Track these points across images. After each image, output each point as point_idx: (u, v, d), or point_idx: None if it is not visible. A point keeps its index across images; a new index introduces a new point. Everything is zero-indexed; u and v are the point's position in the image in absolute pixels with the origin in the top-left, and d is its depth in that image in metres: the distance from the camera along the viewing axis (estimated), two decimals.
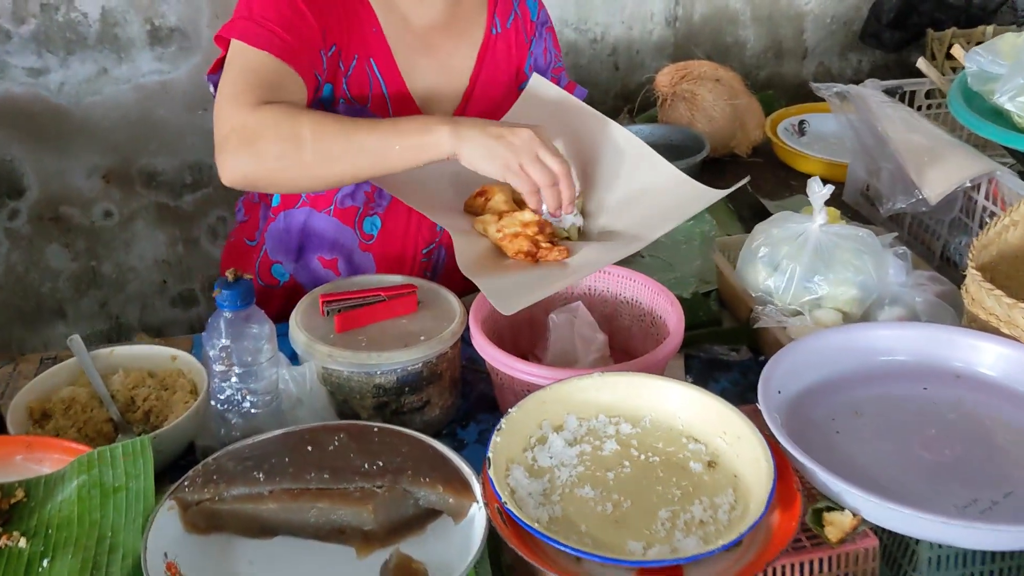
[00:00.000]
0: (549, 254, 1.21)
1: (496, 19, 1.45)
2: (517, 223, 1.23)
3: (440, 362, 1.14)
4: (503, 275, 1.18)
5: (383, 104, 1.36)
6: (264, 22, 1.23)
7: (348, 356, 1.10)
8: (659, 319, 1.23)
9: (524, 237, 1.22)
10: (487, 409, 1.23)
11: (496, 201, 1.29)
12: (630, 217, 1.28)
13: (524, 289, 1.13)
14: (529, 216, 1.23)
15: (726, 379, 1.28)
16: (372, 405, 1.13)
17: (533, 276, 1.18)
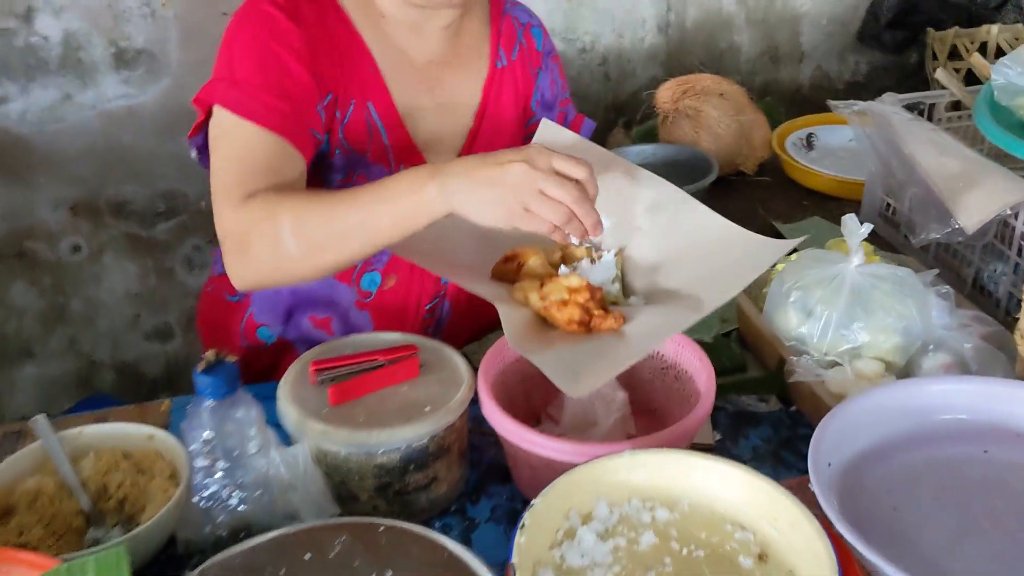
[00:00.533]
0: (604, 322, 1.07)
1: (501, 51, 1.34)
2: (564, 289, 1.08)
3: (448, 435, 1.03)
4: (556, 349, 1.04)
5: (383, 151, 1.24)
6: (249, 88, 1.11)
7: (345, 435, 0.98)
8: (684, 373, 1.12)
9: (574, 305, 1.07)
10: (499, 479, 1.11)
11: (532, 265, 1.16)
12: (682, 275, 1.14)
13: (590, 365, 1.00)
14: (577, 281, 1.09)
15: (757, 435, 1.17)
16: (373, 487, 1.01)
17: (591, 349, 1.04)
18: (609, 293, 1.15)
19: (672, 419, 1.14)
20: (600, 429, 1.10)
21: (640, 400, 1.18)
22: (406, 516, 1.02)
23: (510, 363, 1.13)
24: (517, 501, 1.08)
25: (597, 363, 1.00)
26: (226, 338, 1.39)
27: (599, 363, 1.00)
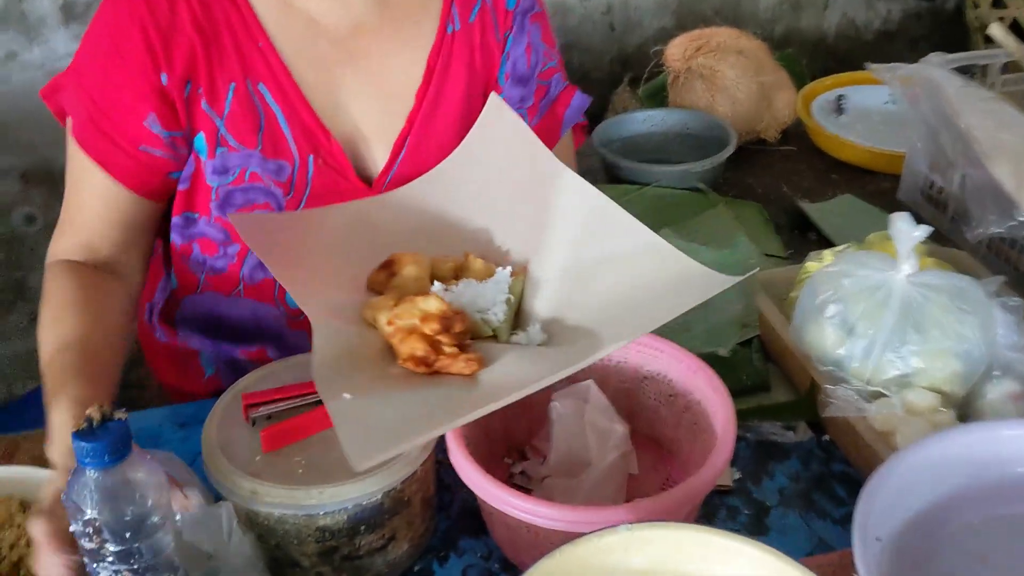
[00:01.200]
0: (452, 364, 0.84)
1: (454, 11, 1.08)
2: (416, 313, 0.87)
3: (408, 487, 0.84)
4: (370, 395, 0.81)
5: (281, 142, 1.02)
6: (86, 102, 0.99)
7: (279, 494, 0.80)
8: (695, 404, 0.93)
9: (418, 336, 0.85)
10: (473, 529, 0.93)
11: (404, 276, 0.94)
12: (591, 303, 0.92)
13: (390, 425, 0.77)
14: (435, 305, 0.87)
15: (783, 472, 0.98)
16: (316, 552, 0.83)
17: (416, 399, 0.82)
18: (487, 321, 0.92)
19: (683, 455, 0.96)
20: (595, 470, 0.91)
21: (644, 430, 1.00)
22: None
23: None
24: (495, 560, 0.90)
25: (402, 423, 0.77)
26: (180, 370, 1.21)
27: (404, 424, 0.77)
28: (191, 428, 1.06)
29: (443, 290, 0.93)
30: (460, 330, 0.87)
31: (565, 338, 0.90)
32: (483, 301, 0.93)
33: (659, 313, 0.84)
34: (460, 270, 0.99)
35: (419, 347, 0.85)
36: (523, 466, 0.98)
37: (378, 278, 0.96)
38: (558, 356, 0.86)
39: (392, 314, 0.88)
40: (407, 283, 0.94)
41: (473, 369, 0.85)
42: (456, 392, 0.83)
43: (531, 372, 0.83)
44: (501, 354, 0.88)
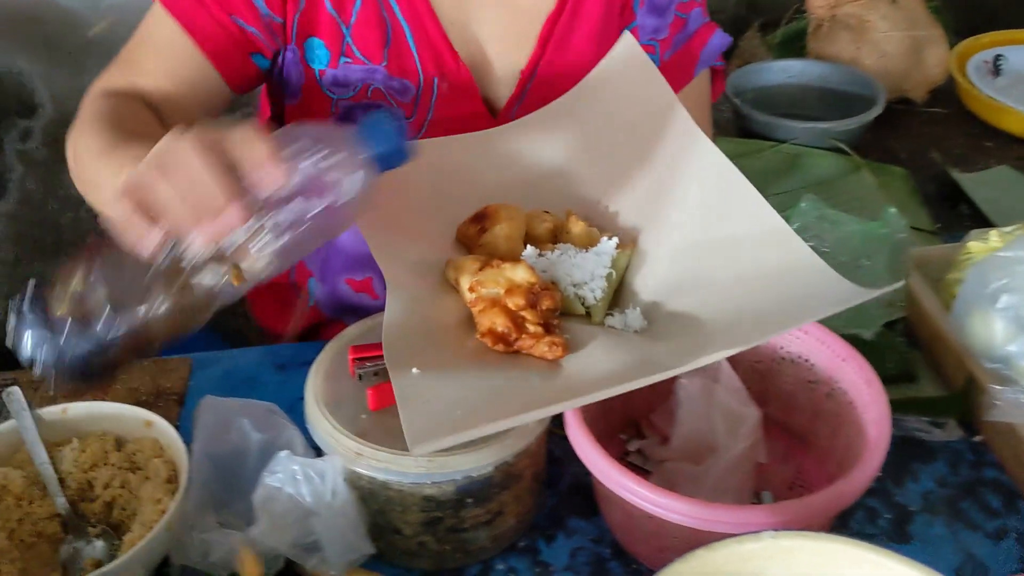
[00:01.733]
0: (535, 346, 0.75)
1: None
2: (502, 282, 0.77)
3: (520, 460, 0.78)
4: (446, 372, 0.73)
5: (408, 61, 0.95)
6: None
7: (386, 459, 0.74)
8: (840, 393, 0.84)
9: (500, 310, 0.76)
10: (583, 510, 0.86)
11: (495, 233, 0.84)
12: (704, 296, 0.80)
13: (457, 412, 0.69)
14: (522, 276, 0.77)
15: (928, 475, 0.89)
16: (419, 521, 0.78)
17: (490, 385, 0.73)
18: (582, 298, 0.82)
19: (819, 448, 0.87)
20: (722, 459, 0.83)
21: (776, 415, 0.91)
22: (460, 555, 0.80)
23: None
24: (605, 544, 0.83)
25: (467, 410, 0.69)
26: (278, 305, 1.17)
27: (470, 411, 0.68)
28: (290, 371, 1.02)
29: (536, 256, 0.83)
30: (548, 307, 0.77)
31: (666, 330, 0.80)
32: (580, 273, 0.83)
33: (777, 322, 0.73)
34: (558, 232, 0.88)
35: (500, 322, 0.76)
36: (640, 444, 0.90)
37: (468, 231, 0.86)
38: (653, 355, 0.75)
39: (476, 279, 0.78)
40: (497, 242, 0.84)
41: (557, 355, 0.75)
42: (534, 380, 0.74)
43: (619, 369, 0.74)
44: (590, 339, 0.78)
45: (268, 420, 0.83)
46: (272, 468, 0.77)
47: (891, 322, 1.03)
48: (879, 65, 1.44)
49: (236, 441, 0.81)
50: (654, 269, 0.84)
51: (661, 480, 0.85)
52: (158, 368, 1.03)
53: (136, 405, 0.86)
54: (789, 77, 1.47)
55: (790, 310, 0.74)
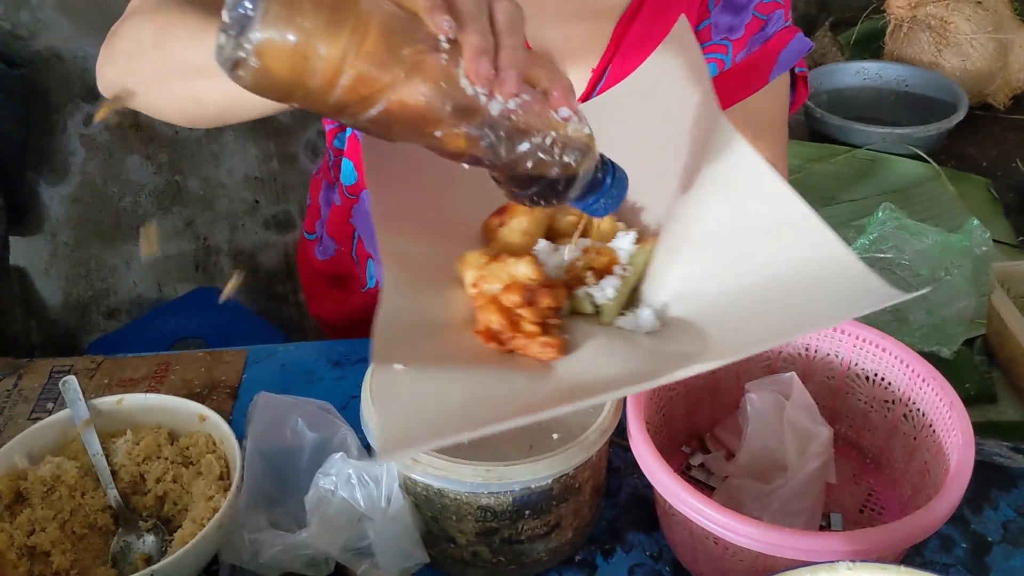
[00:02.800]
0: (528, 345, 0.69)
1: None
2: (504, 277, 0.72)
3: (580, 473, 0.75)
4: (432, 371, 0.66)
5: None
6: None
7: (443, 466, 0.72)
8: (917, 415, 0.80)
9: (497, 307, 0.71)
10: (643, 523, 0.83)
11: (511, 228, 0.79)
12: (711, 299, 0.72)
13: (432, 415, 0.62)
14: (523, 271, 0.72)
15: (1009, 503, 0.85)
16: (475, 531, 0.75)
17: (475, 386, 0.66)
18: (590, 295, 0.75)
19: (893, 470, 0.84)
20: (792, 479, 0.80)
21: (847, 434, 0.88)
22: (515, 568, 0.78)
23: None
24: (665, 562, 0.80)
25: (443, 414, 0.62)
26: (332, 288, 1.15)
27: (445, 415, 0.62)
28: (346, 367, 1.00)
29: (551, 250, 0.78)
30: (547, 305, 0.71)
31: (677, 333, 0.72)
32: (598, 268, 0.77)
33: (794, 327, 0.65)
34: (584, 226, 0.82)
35: (494, 319, 0.70)
36: (704, 459, 0.87)
37: (490, 224, 0.81)
38: (651, 358, 0.68)
39: (479, 274, 0.73)
40: (512, 236, 0.79)
41: (549, 357, 0.69)
42: (519, 383, 0.68)
43: (612, 373, 0.67)
44: (589, 339, 0.72)
45: (322, 419, 0.82)
46: (326, 470, 0.75)
47: (968, 340, 0.98)
48: (961, 68, 1.38)
49: (289, 439, 0.80)
50: (672, 268, 0.77)
51: (725, 498, 0.82)
52: (213, 360, 1.02)
53: (189, 397, 0.85)
54: (865, 79, 1.41)
55: (809, 312, 0.64)
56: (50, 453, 0.82)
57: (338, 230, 1.12)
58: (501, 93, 0.58)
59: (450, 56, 0.57)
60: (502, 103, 0.59)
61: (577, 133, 0.62)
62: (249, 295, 2.27)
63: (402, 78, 0.55)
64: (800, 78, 1.04)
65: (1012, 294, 0.96)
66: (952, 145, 1.35)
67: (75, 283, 2.18)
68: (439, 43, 0.57)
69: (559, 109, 0.62)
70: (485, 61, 0.57)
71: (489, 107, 0.58)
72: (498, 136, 0.60)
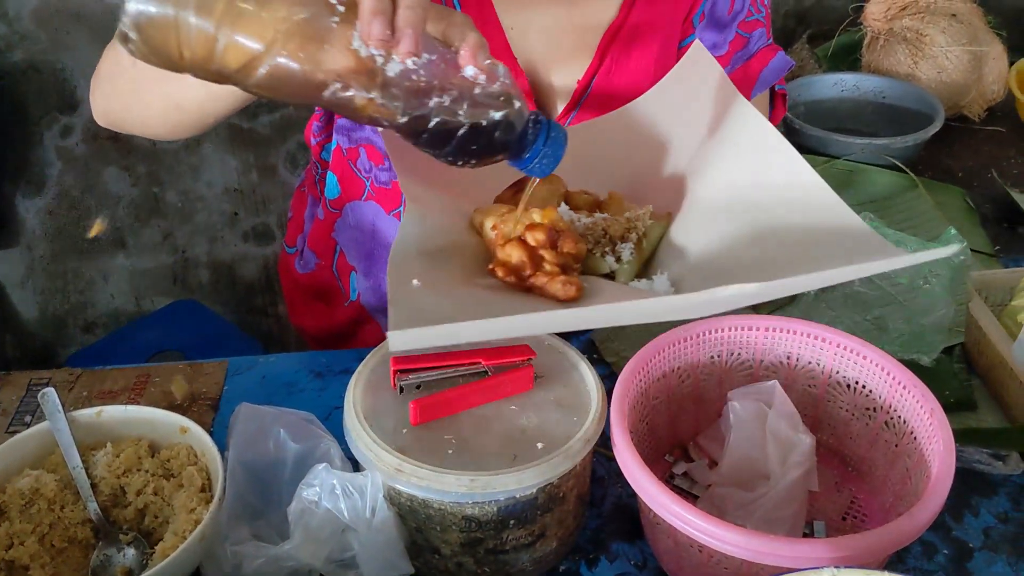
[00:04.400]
0: (549, 283, 0.69)
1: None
2: (524, 220, 0.73)
3: (565, 482, 0.75)
4: (450, 289, 0.68)
5: None
6: None
7: (427, 476, 0.71)
8: (898, 422, 0.80)
9: (518, 244, 0.71)
10: (627, 532, 0.84)
11: (533, 194, 0.78)
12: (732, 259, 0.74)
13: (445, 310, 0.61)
14: (551, 215, 0.73)
15: (989, 509, 0.85)
16: (459, 541, 0.75)
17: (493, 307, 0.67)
18: (606, 257, 0.76)
19: (875, 478, 0.84)
20: (775, 487, 0.80)
21: (828, 442, 0.88)
22: None
23: (656, 379, 0.84)
24: (649, 570, 0.80)
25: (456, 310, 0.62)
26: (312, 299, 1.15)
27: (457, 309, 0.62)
28: (328, 378, 1.00)
29: (569, 213, 0.79)
30: (569, 251, 0.71)
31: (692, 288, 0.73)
32: (613, 234, 0.78)
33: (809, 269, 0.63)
34: (599, 206, 0.83)
35: (515, 254, 0.70)
36: (687, 467, 0.87)
37: (505, 195, 0.81)
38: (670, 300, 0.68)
39: (500, 218, 0.73)
40: (532, 199, 0.78)
41: (570, 295, 0.69)
42: (536, 309, 0.67)
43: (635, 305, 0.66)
44: (607, 289, 0.72)
45: (305, 430, 0.81)
46: (309, 481, 0.75)
47: (948, 348, 0.99)
48: (936, 80, 1.40)
49: (272, 451, 0.79)
50: (688, 240, 0.79)
51: (709, 506, 0.82)
52: (193, 371, 1.01)
53: (170, 408, 0.85)
54: (843, 91, 1.43)
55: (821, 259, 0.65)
56: (29, 466, 0.81)
57: (320, 244, 1.12)
58: (397, 54, 0.58)
59: (344, 18, 0.57)
60: (401, 64, 0.59)
61: (488, 92, 0.62)
62: (228, 307, 2.26)
63: (278, 44, 0.56)
64: (779, 95, 1.06)
65: (990, 303, 0.97)
66: (929, 156, 1.37)
67: (52, 296, 2.16)
68: (333, 6, 0.57)
69: (465, 68, 0.61)
70: (378, 23, 0.57)
71: (386, 69, 0.59)
72: (393, 96, 0.59)
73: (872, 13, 1.45)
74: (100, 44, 1.85)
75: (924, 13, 1.40)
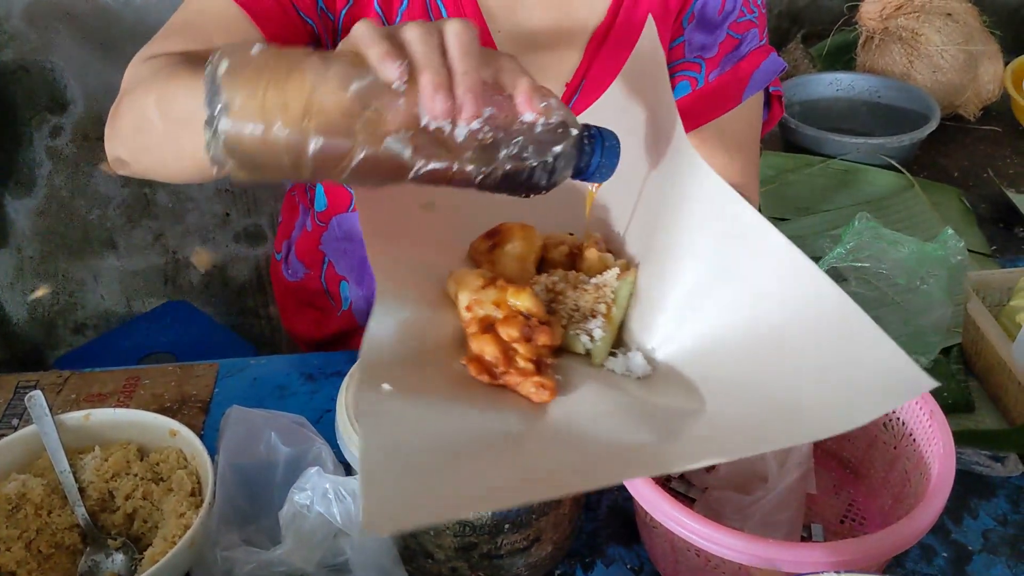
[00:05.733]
0: (521, 384, 0.66)
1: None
2: (501, 302, 0.69)
3: None
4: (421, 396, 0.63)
5: None
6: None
7: None
8: (897, 424, 0.80)
9: (492, 337, 0.67)
10: (623, 536, 0.83)
11: (506, 253, 0.76)
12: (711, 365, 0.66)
13: (422, 482, 0.55)
14: (526, 303, 0.68)
15: (988, 512, 0.84)
16: (453, 546, 0.74)
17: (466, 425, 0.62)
18: (578, 335, 0.72)
19: (873, 480, 0.83)
20: (772, 490, 0.79)
21: (826, 444, 0.87)
22: None
23: None
24: (646, 574, 0.79)
25: (434, 486, 0.55)
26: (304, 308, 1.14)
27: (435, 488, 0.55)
28: (319, 381, 0.98)
29: (544, 290, 0.74)
30: (544, 343, 0.68)
31: (668, 386, 0.68)
32: (584, 307, 0.73)
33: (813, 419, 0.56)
34: (575, 258, 0.79)
35: (488, 351, 0.67)
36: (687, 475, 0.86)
37: (480, 247, 0.78)
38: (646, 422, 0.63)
39: (475, 298, 0.70)
40: (507, 262, 0.76)
41: (543, 399, 0.65)
42: (512, 422, 0.64)
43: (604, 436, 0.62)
44: (583, 383, 0.68)
45: (296, 433, 0.80)
46: (301, 485, 0.74)
47: (945, 349, 0.98)
48: (932, 80, 1.39)
49: (263, 454, 0.78)
50: (655, 308, 0.73)
51: (706, 509, 0.81)
52: (184, 373, 1.00)
53: (159, 411, 0.84)
54: (838, 90, 1.42)
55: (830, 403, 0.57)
56: (15, 470, 0.80)
57: (308, 256, 1.11)
58: (463, 120, 0.59)
59: (407, 97, 0.59)
60: (466, 127, 0.60)
61: (547, 127, 0.63)
62: (219, 309, 2.25)
63: (363, 139, 0.58)
64: (775, 97, 1.04)
65: (987, 303, 0.96)
66: (924, 155, 1.36)
67: (41, 298, 2.14)
68: (396, 89, 0.59)
69: (524, 114, 0.62)
70: (440, 98, 0.58)
71: (455, 135, 0.60)
72: (466, 160, 0.61)
73: (867, 12, 1.44)
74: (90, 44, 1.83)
75: (919, 12, 1.39)
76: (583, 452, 0.61)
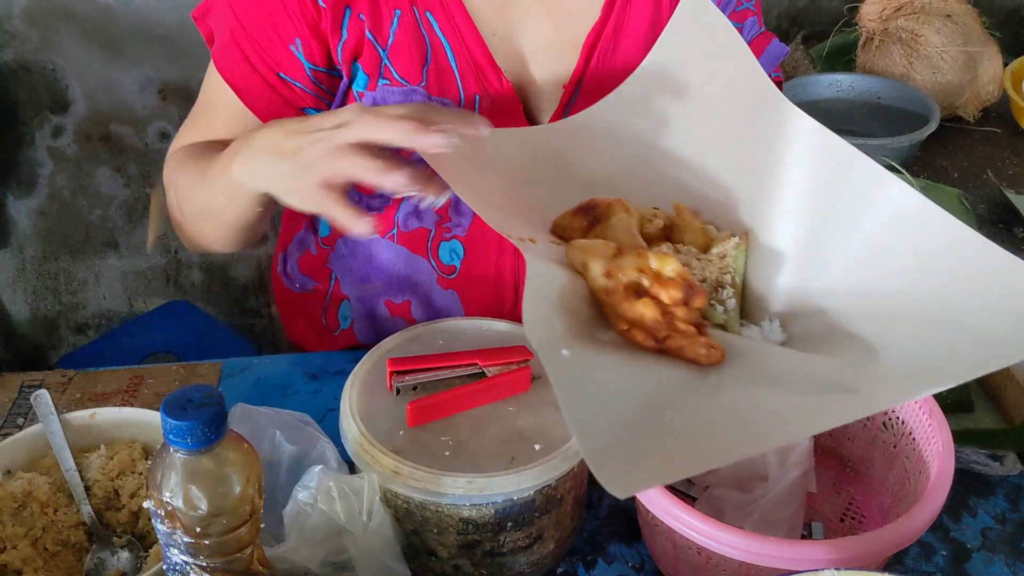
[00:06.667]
0: (689, 346, 0.65)
1: None
2: (647, 268, 0.67)
3: (562, 484, 0.75)
4: (598, 360, 0.63)
5: (448, 79, 0.91)
6: (231, 20, 0.90)
7: (424, 478, 0.71)
8: (896, 423, 0.80)
9: (649, 301, 0.66)
10: (624, 534, 0.83)
11: (614, 226, 0.74)
12: (862, 306, 0.69)
13: (657, 438, 0.58)
14: (673, 268, 0.67)
15: (987, 510, 0.85)
16: (456, 543, 0.74)
17: (655, 389, 0.62)
18: (714, 309, 0.73)
19: (872, 478, 0.84)
20: (773, 489, 0.80)
21: (825, 443, 0.88)
22: None
23: None
24: (647, 573, 0.80)
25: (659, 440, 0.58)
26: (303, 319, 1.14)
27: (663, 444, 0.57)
28: (322, 380, 0.99)
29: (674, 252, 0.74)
30: (699, 306, 0.67)
31: (816, 345, 0.70)
32: (710, 279, 0.74)
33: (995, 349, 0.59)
34: (671, 231, 0.78)
35: (649, 315, 0.65)
36: None
37: (571, 223, 0.76)
38: (806, 383, 0.64)
39: (613, 264, 0.67)
40: (615, 235, 0.73)
41: (713, 360, 0.66)
42: (695, 382, 0.64)
43: (776, 401, 0.63)
44: (737, 347, 0.68)
45: (300, 431, 0.81)
46: (305, 483, 0.74)
47: None
48: (931, 81, 1.40)
49: (267, 452, 0.79)
50: (777, 271, 0.75)
51: (706, 508, 0.81)
52: (187, 372, 1.01)
53: None
54: (838, 91, 1.42)
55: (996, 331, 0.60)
56: (21, 469, 0.80)
57: (316, 272, 1.11)
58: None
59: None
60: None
61: None
62: (221, 309, 2.25)
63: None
64: (776, 83, 1.05)
65: None
66: (924, 156, 1.37)
67: (43, 298, 2.15)
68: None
69: None
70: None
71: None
72: None
73: (867, 13, 1.45)
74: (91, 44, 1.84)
75: (919, 14, 1.40)
76: (780, 405, 0.62)
